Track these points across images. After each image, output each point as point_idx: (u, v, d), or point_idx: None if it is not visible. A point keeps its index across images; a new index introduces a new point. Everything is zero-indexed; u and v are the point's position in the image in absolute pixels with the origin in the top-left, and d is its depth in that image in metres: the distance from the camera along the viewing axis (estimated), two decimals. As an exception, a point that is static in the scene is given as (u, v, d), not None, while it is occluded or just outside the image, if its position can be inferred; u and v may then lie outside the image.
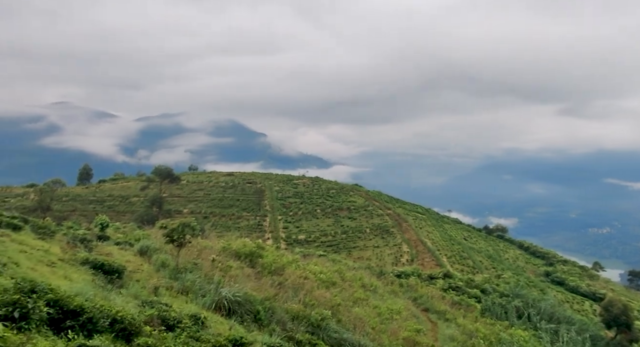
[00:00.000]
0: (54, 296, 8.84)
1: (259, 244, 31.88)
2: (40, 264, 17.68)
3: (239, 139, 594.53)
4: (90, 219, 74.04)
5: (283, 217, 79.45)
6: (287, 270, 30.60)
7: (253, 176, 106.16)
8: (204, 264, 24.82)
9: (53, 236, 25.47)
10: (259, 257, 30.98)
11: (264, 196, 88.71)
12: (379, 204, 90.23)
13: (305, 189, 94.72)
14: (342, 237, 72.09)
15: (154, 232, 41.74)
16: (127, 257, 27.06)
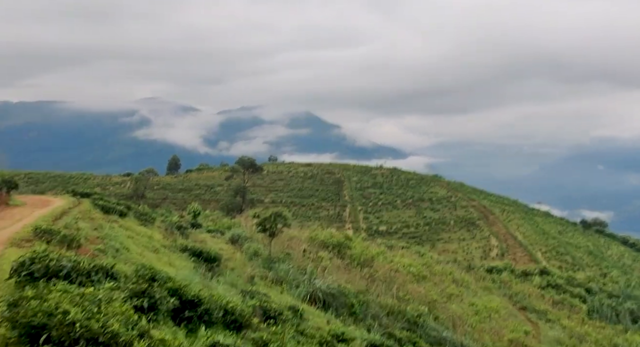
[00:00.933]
0: (172, 285, 8.57)
1: (346, 235, 31.31)
2: (146, 250, 18.19)
3: (314, 130, 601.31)
4: (179, 206, 78.04)
5: (363, 207, 78.60)
6: (376, 262, 29.74)
7: (331, 166, 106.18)
8: (295, 254, 24.62)
9: (153, 222, 26.49)
10: (347, 248, 30.42)
11: (342, 186, 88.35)
12: (462, 195, 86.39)
13: (384, 179, 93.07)
14: (425, 229, 69.84)
15: (242, 220, 42.64)
16: (220, 245, 27.55)
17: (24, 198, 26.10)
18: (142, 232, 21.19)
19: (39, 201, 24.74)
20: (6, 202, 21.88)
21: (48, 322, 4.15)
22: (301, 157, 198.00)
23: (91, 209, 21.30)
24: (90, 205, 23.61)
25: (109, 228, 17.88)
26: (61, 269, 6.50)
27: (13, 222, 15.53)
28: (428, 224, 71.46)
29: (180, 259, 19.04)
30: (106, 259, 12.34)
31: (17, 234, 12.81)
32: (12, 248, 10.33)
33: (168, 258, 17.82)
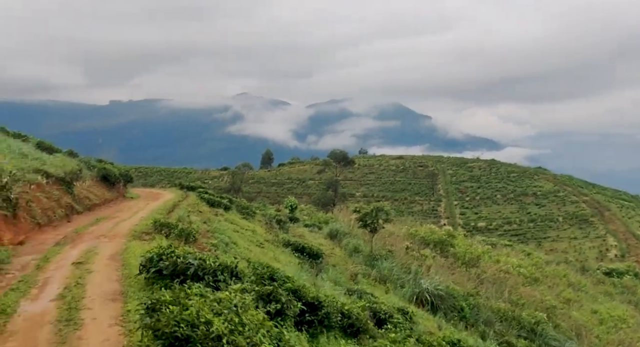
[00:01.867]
0: (292, 286, 8.06)
1: (449, 232, 29.60)
2: (251, 244, 18.30)
3: (403, 122, 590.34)
4: (272, 200, 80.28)
5: (459, 202, 75.06)
6: (482, 262, 27.76)
7: (423, 159, 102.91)
8: (396, 251, 23.62)
9: (254, 216, 26.93)
10: (450, 246, 28.73)
11: (437, 180, 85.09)
12: (571, 189, 79.08)
13: (481, 172, 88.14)
14: (529, 226, 64.91)
15: (339, 215, 42.36)
16: (319, 240, 27.26)
17: (137, 191, 27.90)
18: (245, 226, 21.50)
19: (150, 194, 26.27)
20: (123, 194, 23.41)
21: (192, 335, 3.70)
22: (390, 149, 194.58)
23: (198, 203, 22.02)
24: (197, 198, 24.53)
25: (216, 222, 18.25)
26: (189, 268, 6.19)
27: (131, 214, 16.32)
28: (533, 220, 66.31)
29: (284, 255, 18.96)
30: (221, 254, 12.35)
31: (136, 226, 13.30)
32: (134, 241, 10.57)
33: (273, 253, 17.77)
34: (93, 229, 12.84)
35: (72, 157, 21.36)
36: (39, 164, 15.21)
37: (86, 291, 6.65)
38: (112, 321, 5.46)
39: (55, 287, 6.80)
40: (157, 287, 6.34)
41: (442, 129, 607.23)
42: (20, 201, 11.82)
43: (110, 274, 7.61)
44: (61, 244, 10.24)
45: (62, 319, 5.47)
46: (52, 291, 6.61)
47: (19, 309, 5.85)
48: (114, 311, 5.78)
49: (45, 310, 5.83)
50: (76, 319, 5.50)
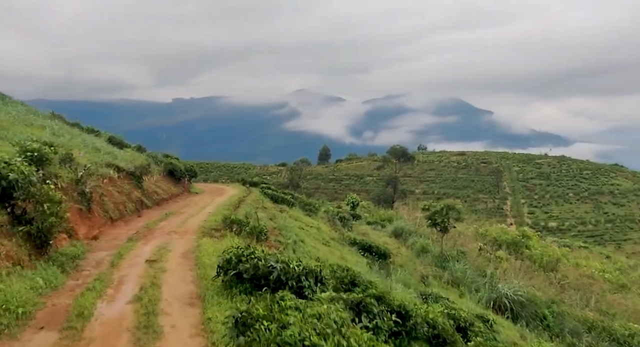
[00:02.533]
0: (376, 292, 7.31)
1: (523, 232, 27.62)
2: (317, 242, 17.70)
3: (462, 117, 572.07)
4: (330, 196, 79.83)
5: (527, 200, 71.05)
6: (560, 265, 25.65)
7: (487, 155, 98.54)
8: (469, 252, 22.23)
9: (316, 212, 26.43)
10: (525, 248, 26.80)
11: (502, 177, 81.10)
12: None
13: (551, 169, 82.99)
14: (607, 227, 60.21)
15: (398, 212, 41.03)
16: (383, 238, 26.27)
17: (201, 186, 28.19)
18: (309, 223, 20.97)
19: (214, 189, 26.44)
20: (188, 189, 23.63)
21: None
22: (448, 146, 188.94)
23: (262, 198, 21.79)
24: (260, 194, 24.35)
25: (281, 218, 17.83)
26: (271, 272, 5.56)
27: (198, 210, 16.20)
28: (610, 221, 61.45)
29: (351, 254, 18.24)
30: (290, 253, 11.80)
31: (205, 222, 13.03)
32: (205, 238, 10.19)
33: (340, 252, 17.11)
34: (163, 224, 12.70)
35: (141, 152, 21.75)
36: (111, 158, 15.40)
37: (162, 292, 6.21)
38: (192, 330, 4.94)
39: (131, 288, 6.42)
40: (236, 292, 5.78)
41: (504, 124, 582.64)
42: (94, 195, 11.85)
43: (184, 274, 7.17)
44: (134, 240, 10.05)
45: (141, 326, 5.02)
46: (127, 292, 6.23)
47: (95, 311, 5.47)
48: (193, 318, 5.26)
49: (122, 314, 5.42)
50: (155, 326, 5.02)
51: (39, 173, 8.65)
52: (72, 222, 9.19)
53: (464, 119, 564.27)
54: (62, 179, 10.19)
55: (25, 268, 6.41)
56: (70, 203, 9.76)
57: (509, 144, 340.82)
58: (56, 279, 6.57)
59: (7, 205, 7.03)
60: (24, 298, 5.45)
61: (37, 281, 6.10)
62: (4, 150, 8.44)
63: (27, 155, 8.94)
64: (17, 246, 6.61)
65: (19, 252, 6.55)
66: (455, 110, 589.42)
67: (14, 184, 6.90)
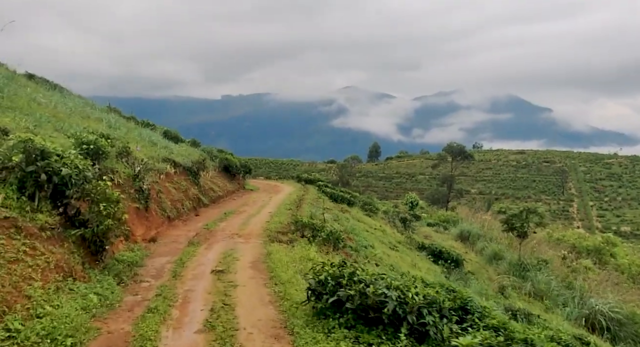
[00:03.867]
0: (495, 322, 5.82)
1: (608, 238, 24.82)
2: (385, 246, 16.23)
3: (518, 114, 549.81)
4: (380, 194, 77.79)
5: (596, 203, 66.15)
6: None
7: (549, 154, 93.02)
8: (552, 261, 20.00)
9: (377, 213, 24.93)
10: (610, 256, 24.12)
11: (567, 177, 76.09)
12: None
13: (622, 170, 77.01)
14: (689, 234, 54.82)
15: (459, 212, 38.70)
16: (448, 241, 24.34)
17: (255, 182, 27.33)
18: (373, 225, 19.51)
19: (268, 186, 25.47)
20: (243, 186, 22.77)
21: None
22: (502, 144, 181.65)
23: (321, 197, 20.55)
24: (318, 192, 23.13)
25: (345, 219, 16.50)
26: (384, 303, 4.19)
27: (258, 209, 15.15)
28: (693, 227, 55.97)
29: (421, 260, 16.64)
30: (363, 260, 10.44)
31: (268, 224, 11.86)
32: (274, 244, 8.97)
33: (411, 259, 15.56)
34: (223, 225, 11.67)
35: (195, 147, 21.04)
36: (167, 153, 14.59)
37: (237, 316, 5.00)
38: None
39: (199, 308, 5.26)
40: (334, 325, 4.46)
41: (564, 121, 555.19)
42: (152, 192, 10.96)
43: (260, 291, 5.95)
44: (195, 244, 9.00)
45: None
46: (196, 314, 5.07)
47: (160, 344, 4.31)
48: (283, 362, 3.97)
49: (192, 348, 4.23)
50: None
51: (95, 168, 7.72)
52: (129, 223, 8.25)
53: (520, 116, 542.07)
54: (119, 175, 9.29)
55: (78, 280, 5.39)
56: (127, 202, 8.83)
57: (568, 143, 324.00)
58: (112, 294, 5.52)
59: (59, 204, 6.07)
60: (75, 323, 4.38)
61: (90, 299, 5.05)
62: (59, 142, 7.55)
63: (82, 148, 8.05)
64: (69, 253, 5.62)
65: (71, 261, 5.55)
66: (510, 108, 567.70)
67: (67, 181, 5.92)
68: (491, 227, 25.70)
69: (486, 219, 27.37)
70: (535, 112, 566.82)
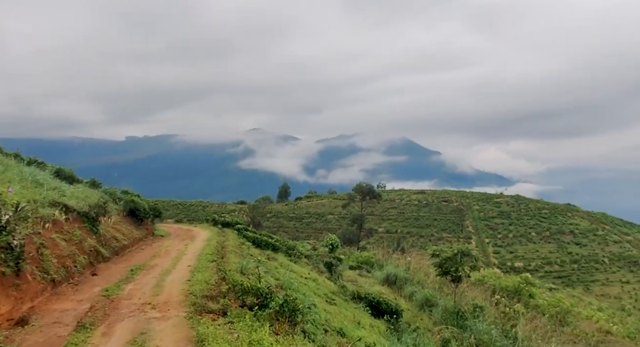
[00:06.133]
0: None
1: (526, 279, 25.14)
2: (321, 299, 14.22)
3: (412, 157, 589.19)
4: (292, 235, 75.68)
5: (491, 240, 70.19)
6: (569, 317, 23.19)
7: (446, 193, 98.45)
8: (485, 306, 19.25)
9: (301, 257, 22.92)
10: (529, 296, 24.29)
11: (464, 216, 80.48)
12: (609, 228, 74.06)
13: (510, 208, 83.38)
14: (573, 268, 59.73)
15: (376, 253, 37.87)
16: (375, 286, 22.84)
17: (166, 227, 24.03)
18: (302, 273, 17.43)
19: (181, 231, 22.36)
20: (152, 232, 19.56)
21: None
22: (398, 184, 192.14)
23: (245, 243, 18.13)
24: (238, 237, 20.63)
25: (275, 270, 14.30)
26: None
27: (173, 261, 12.40)
28: (576, 261, 61.16)
29: (361, 313, 14.84)
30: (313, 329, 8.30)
31: (190, 284, 9.30)
32: (204, 320, 6.57)
33: (352, 315, 13.65)
34: (130, 289, 8.90)
35: (95, 188, 17.61)
36: (57, 196, 11.46)
37: None
38: None
39: None
40: None
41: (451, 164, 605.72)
42: (29, 248, 8.01)
43: None
44: (86, 327, 6.29)
45: None
46: None
47: None
48: None
49: None
50: None
51: None
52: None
53: (413, 158, 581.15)
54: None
55: None
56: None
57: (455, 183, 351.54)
58: None
59: None
60: None
61: None
62: None
63: None
64: None
65: None
66: (405, 151, 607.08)
67: None
68: (418, 269, 24.86)
69: (409, 261, 26.54)
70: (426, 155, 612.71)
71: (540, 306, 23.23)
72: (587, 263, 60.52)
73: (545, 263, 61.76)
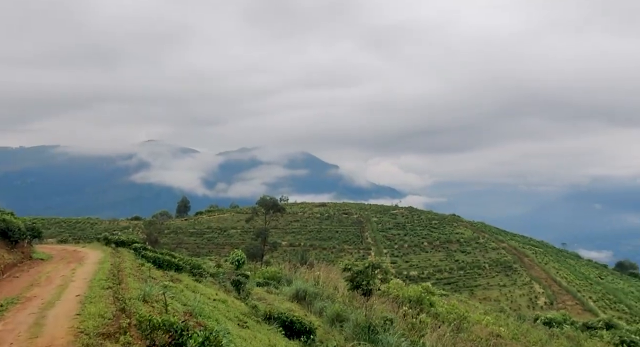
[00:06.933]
0: None
1: (427, 288, 26.13)
2: (233, 324, 13.24)
3: (312, 170, 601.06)
4: (192, 251, 72.25)
5: (389, 250, 73.34)
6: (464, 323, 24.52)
7: (346, 206, 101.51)
8: (395, 318, 19.49)
9: (206, 277, 21.55)
10: (430, 305, 25.26)
11: (363, 228, 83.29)
12: (488, 236, 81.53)
13: (405, 219, 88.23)
14: (460, 274, 64.43)
15: (282, 269, 37.27)
16: (285, 303, 22.31)
17: (47, 248, 21.14)
18: (210, 295, 16.23)
19: (66, 253, 19.77)
20: (29, 255, 16.98)
21: None
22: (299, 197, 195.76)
23: (144, 264, 16.45)
24: (135, 257, 18.73)
25: (180, 293, 13.03)
26: None
27: (58, 291, 10.66)
28: (462, 268, 66.09)
29: (277, 337, 14.06)
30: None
31: (81, 319, 7.93)
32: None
33: (267, 338, 12.84)
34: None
35: (-44, 204, 14.88)
36: None
37: None
38: None
39: None
40: None
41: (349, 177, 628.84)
42: None
43: None
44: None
45: None
46: None
47: None
48: None
49: None
50: None
51: None
52: None
53: (313, 172, 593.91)
54: None
55: None
56: None
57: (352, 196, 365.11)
58: None
59: None
60: None
61: None
62: None
63: None
64: None
65: None
66: (305, 164, 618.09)
67: None
68: (327, 284, 24.68)
69: (318, 275, 26.32)
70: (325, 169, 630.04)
71: (440, 314, 24.32)
72: (472, 269, 65.71)
73: (437, 271, 65.89)
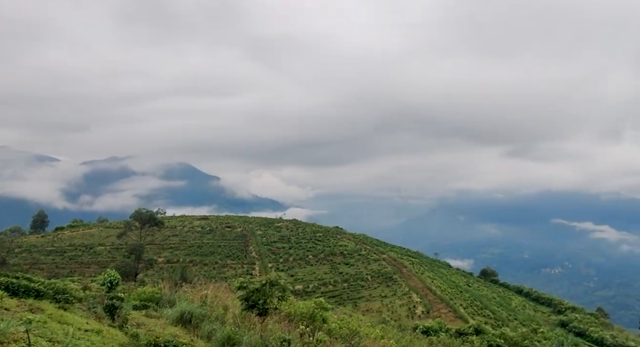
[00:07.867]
0: None
1: (319, 303, 25.52)
2: (115, 362, 11.10)
3: (191, 182, 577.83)
4: (50, 272, 63.59)
5: (274, 264, 72.27)
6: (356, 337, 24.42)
7: (230, 219, 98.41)
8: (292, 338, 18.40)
9: (73, 303, 18.42)
10: (322, 321, 24.72)
11: (248, 242, 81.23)
12: (370, 247, 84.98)
13: (290, 232, 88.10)
14: (344, 287, 65.74)
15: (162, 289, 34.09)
16: (169, 329, 20.06)
17: None
18: (81, 325, 13.59)
19: None
20: None
21: None
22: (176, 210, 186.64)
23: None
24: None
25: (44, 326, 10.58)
26: None
27: None
28: (346, 280, 67.54)
29: (167, 370, 12.11)
30: None
31: None
32: None
33: (158, 373, 10.92)
34: None
35: None
36: None
37: None
38: None
39: None
40: None
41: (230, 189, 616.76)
42: None
43: None
44: None
45: None
46: None
47: None
48: None
49: None
50: None
51: None
52: None
53: (192, 184, 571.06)
54: None
55: None
56: None
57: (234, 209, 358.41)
58: None
59: None
60: None
61: None
62: None
63: None
64: None
65: None
66: (183, 175, 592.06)
67: None
68: (214, 304, 22.81)
69: (204, 295, 24.28)
70: (205, 180, 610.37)
71: (332, 330, 23.95)
72: (355, 281, 67.50)
73: (322, 284, 66.47)
